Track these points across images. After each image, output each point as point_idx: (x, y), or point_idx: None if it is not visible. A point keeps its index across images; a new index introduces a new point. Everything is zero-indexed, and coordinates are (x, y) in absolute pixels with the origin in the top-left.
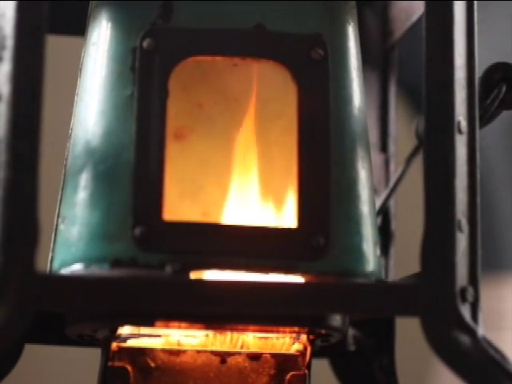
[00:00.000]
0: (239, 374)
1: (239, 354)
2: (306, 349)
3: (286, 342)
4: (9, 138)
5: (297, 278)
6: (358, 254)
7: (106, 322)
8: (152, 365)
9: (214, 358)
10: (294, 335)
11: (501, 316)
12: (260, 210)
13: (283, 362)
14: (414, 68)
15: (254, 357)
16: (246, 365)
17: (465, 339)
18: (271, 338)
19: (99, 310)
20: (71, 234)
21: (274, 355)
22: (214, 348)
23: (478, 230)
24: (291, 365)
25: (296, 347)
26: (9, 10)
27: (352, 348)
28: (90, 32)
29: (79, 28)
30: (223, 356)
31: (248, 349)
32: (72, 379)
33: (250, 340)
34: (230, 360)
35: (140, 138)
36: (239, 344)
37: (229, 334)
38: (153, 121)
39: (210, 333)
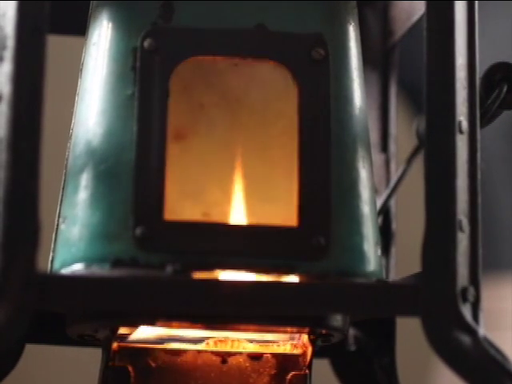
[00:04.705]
0: (240, 374)
1: (240, 354)
2: (306, 349)
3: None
4: (10, 138)
5: (297, 278)
6: (358, 254)
7: (106, 322)
8: (153, 365)
9: (214, 358)
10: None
11: (501, 316)
12: (261, 209)
13: (284, 362)
14: (415, 68)
15: (255, 357)
16: (247, 365)
17: (466, 339)
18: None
19: (100, 310)
20: (72, 234)
21: (274, 355)
22: (214, 348)
23: (479, 230)
24: (292, 365)
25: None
26: (10, 10)
27: (353, 348)
28: (91, 32)
29: (80, 28)
30: (224, 356)
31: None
32: (72, 379)
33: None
34: (231, 360)
35: (141, 138)
36: (240, 344)
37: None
38: (154, 121)
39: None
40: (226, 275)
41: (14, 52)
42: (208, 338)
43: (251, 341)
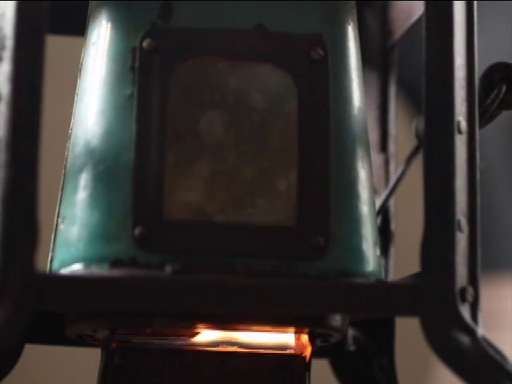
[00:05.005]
0: (239, 374)
1: (239, 353)
2: (306, 349)
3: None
4: (9, 138)
5: (297, 278)
6: (357, 254)
7: (105, 322)
8: (152, 365)
9: (214, 357)
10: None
11: (501, 316)
12: (260, 209)
13: (283, 361)
14: (414, 68)
15: (255, 357)
16: (247, 365)
17: (464, 339)
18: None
19: (99, 310)
20: (71, 234)
21: (274, 355)
22: (214, 348)
23: (478, 230)
24: (291, 365)
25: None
26: (9, 10)
27: (352, 348)
28: (90, 32)
29: (79, 28)
30: (223, 356)
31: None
32: (72, 379)
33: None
34: (231, 360)
35: (140, 138)
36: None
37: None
38: (153, 121)
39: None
40: (225, 275)
41: (13, 52)
42: (208, 337)
43: (251, 341)
